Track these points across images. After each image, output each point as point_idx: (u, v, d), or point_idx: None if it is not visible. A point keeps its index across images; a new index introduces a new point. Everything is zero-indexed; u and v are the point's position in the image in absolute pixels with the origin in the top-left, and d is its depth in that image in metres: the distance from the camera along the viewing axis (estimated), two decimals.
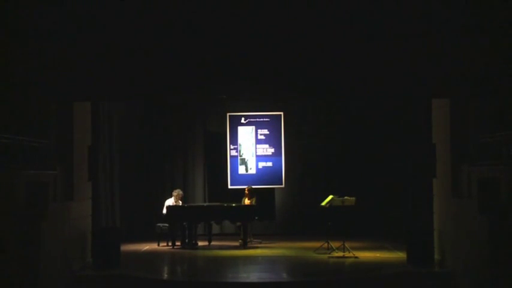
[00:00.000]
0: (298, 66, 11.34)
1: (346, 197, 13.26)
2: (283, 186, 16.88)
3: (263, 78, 11.59)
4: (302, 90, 12.11)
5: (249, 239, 14.78)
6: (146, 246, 14.76)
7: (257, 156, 16.90)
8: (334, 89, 11.87)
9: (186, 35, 11.02)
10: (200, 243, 14.81)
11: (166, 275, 11.95)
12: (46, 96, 10.79)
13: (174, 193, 14.88)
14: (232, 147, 16.91)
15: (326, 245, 13.47)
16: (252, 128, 16.93)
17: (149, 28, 10.93)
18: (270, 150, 16.89)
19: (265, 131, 16.89)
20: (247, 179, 16.60)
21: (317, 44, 11.03)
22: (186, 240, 14.53)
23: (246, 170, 16.89)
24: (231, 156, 16.89)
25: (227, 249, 14.36)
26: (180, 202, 14.93)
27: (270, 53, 11.13)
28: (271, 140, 16.89)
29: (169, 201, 14.81)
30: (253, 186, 15.58)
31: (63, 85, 10.98)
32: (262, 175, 16.79)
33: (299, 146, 17.23)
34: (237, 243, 14.75)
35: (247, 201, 15.12)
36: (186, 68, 11.32)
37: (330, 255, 13.01)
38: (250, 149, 16.93)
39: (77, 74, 10.99)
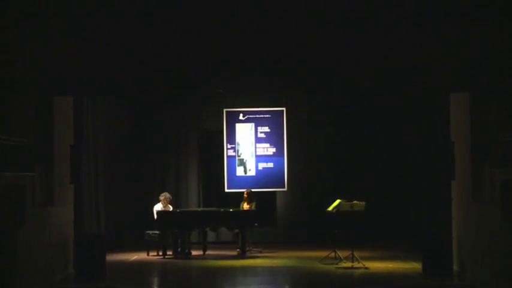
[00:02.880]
0: (303, 57, 11.29)
1: (355, 202, 13.22)
2: (285, 189, 16.89)
3: (263, 70, 11.57)
4: (307, 84, 12.09)
5: (248, 248, 14.74)
6: (134, 256, 14.74)
7: (257, 156, 16.88)
8: (343, 83, 11.84)
9: (178, 24, 10.97)
10: (194, 253, 14.75)
11: None
12: (24, 90, 10.73)
13: (161, 197, 14.88)
14: (229, 146, 16.89)
15: (333, 254, 13.44)
16: (251, 125, 16.91)
17: (137, 17, 10.87)
18: (271, 150, 16.88)
19: (266, 129, 16.88)
20: (246, 181, 16.58)
21: (325, 34, 10.98)
22: (179, 249, 14.49)
23: (245, 171, 16.87)
24: (228, 156, 16.88)
25: (224, 259, 14.32)
26: (170, 206, 14.91)
27: (271, 42, 11.07)
28: (273, 138, 16.88)
29: (158, 207, 14.80)
30: (253, 190, 15.54)
31: (42, 78, 10.92)
32: (262, 177, 16.78)
33: (303, 145, 17.21)
34: (234, 253, 14.71)
35: (246, 206, 15.10)
36: (177, 59, 11.28)
37: (337, 265, 12.98)
38: (250, 148, 16.91)
39: (58, 65, 10.93)
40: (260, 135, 16.91)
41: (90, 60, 11.12)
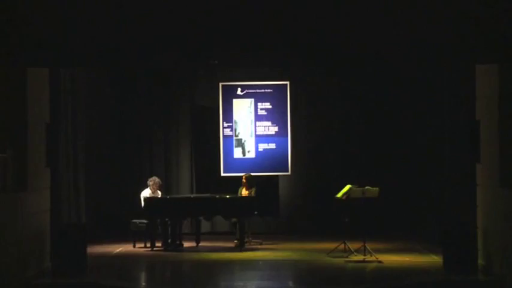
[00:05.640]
0: (310, 24, 11.21)
1: (367, 187, 13.25)
2: (289, 173, 16.89)
3: (264, 39, 11.48)
4: (314, 54, 11.99)
5: (246, 239, 14.78)
6: (119, 248, 14.77)
7: (257, 136, 16.86)
8: (354, 54, 11.75)
9: None
10: (186, 244, 14.84)
11: (144, 284, 11.94)
12: None
13: (150, 182, 14.88)
14: (226, 125, 16.87)
15: (342, 246, 13.47)
16: (250, 101, 16.88)
17: None
18: (272, 129, 16.86)
19: (267, 105, 16.85)
20: (244, 164, 16.59)
21: None
22: (169, 241, 14.52)
23: (244, 153, 16.85)
24: (224, 136, 16.86)
25: (219, 251, 14.37)
26: (159, 192, 14.94)
27: (272, 8, 10.99)
28: (275, 116, 16.86)
29: (146, 193, 14.81)
30: (252, 174, 15.55)
31: (14, 46, 10.84)
32: (263, 160, 16.78)
33: (309, 123, 17.18)
34: (231, 244, 14.74)
35: (244, 192, 15.12)
36: (167, 26, 11.20)
37: (347, 259, 13.03)
38: (249, 127, 16.88)
39: (31, 32, 10.84)
40: (260, 112, 16.86)
41: (68, 27, 11.03)
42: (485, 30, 10.85)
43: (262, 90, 16.87)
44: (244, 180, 15.22)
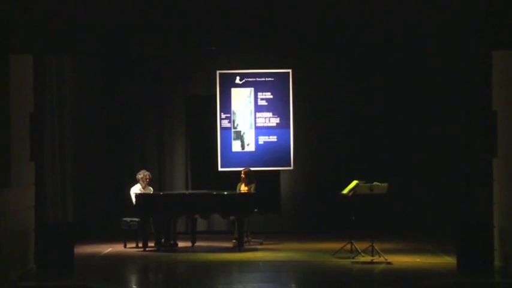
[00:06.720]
0: (313, 8, 11.17)
1: (375, 183, 13.20)
2: (291, 168, 16.88)
3: (265, 24, 11.44)
4: (318, 40, 11.97)
5: (245, 239, 14.75)
6: (109, 248, 14.75)
7: (257, 128, 16.84)
8: (361, 40, 11.72)
9: None
10: (181, 244, 14.82)
11: (135, 287, 11.91)
12: None
13: (139, 175, 14.91)
14: (223, 116, 16.86)
15: (349, 246, 13.43)
16: (250, 91, 16.86)
17: None
18: (273, 120, 16.85)
19: (268, 95, 16.83)
20: (243, 158, 16.61)
21: None
22: (162, 240, 14.47)
23: (243, 146, 16.83)
24: (222, 128, 16.85)
25: (216, 251, 14.39)
26: (151, 188, 14.91)
27: None
28: (276, 106, 16.85)
29: (136, 188, 14.82)
30: (252, 169, 15.51)
31: None
32: (263, 153, 16.79)
33: (313, 114, 17.15)
34: (230, 244, 14.72)
35: (243, 188, 15.10)
36: (161, 10, 11.16)
37: (353, 259, 13.00)
38: (248, 118, 16.84)
39: (15, 16, 10.79)
40: (261, 102, 16.84)
41: (54, 10, 10.98)
42: (502, 16, 10.81)
43: (263, 79, 16.83)
44: (243, 175, 15.19)
